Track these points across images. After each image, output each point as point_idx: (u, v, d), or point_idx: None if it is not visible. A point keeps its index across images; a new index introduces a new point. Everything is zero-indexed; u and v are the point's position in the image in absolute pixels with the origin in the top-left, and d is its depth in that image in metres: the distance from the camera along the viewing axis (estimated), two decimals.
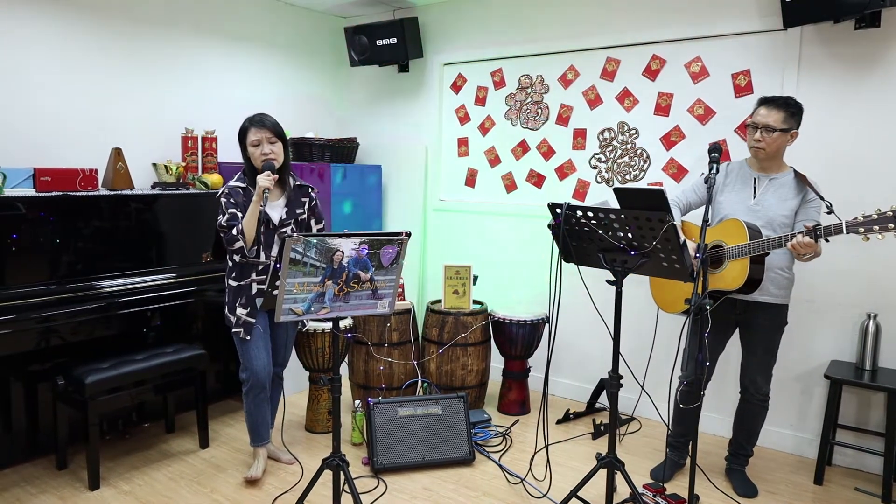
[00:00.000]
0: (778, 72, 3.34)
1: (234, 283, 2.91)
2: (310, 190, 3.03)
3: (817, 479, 3.10)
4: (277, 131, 2.86)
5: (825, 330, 3.31)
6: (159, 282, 3.47)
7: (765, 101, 2.75)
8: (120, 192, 3.42)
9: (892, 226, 2.32)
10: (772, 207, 2.76)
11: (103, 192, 3.40)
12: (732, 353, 3.32)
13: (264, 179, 2.71)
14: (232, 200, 2.83)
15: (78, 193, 3.23)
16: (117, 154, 3.50)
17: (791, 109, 2.71)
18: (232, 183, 2.90)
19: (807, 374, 3.38)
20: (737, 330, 2.97)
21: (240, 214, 2.81)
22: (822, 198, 2.68)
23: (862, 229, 2.39)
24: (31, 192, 3.15)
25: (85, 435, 2.91)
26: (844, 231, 2.41)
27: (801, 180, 2.76)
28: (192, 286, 3.52)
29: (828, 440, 3.08)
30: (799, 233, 2.50)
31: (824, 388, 3.26)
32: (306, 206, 3.00)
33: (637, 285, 3.70)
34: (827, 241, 2.53)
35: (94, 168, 3.39)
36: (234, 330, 2.91)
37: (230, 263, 2.92)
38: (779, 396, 3.45)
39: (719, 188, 2.91)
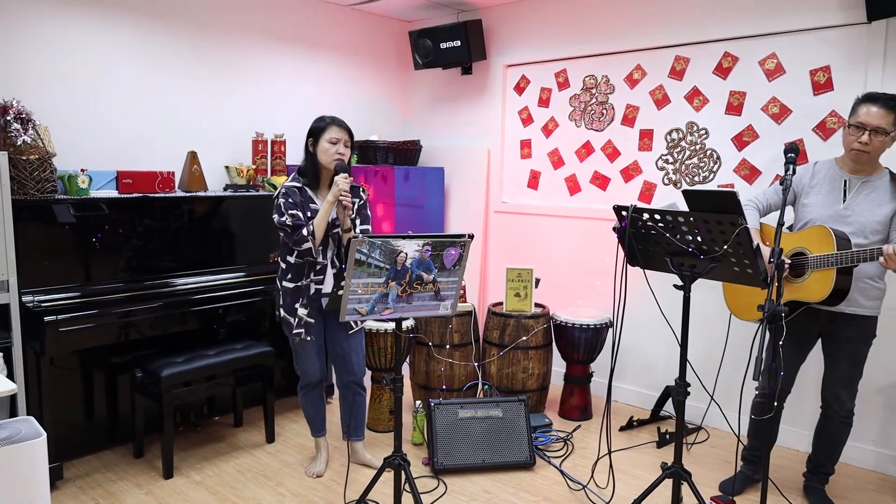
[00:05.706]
0: (861, 67, 3.17)
1: (290, 285, 2.89)
2: (360, 191, 2.99)
3: None
4: (352, 136, 2.90)
5: None
6: (230, 280, 3.60)
7: (873, 99, 2.48)
8: (195, 194, 3.57)
9: None
10: (863, 213, 2.54)
11: (179, 193, 3.55)
12: (811, 364, 3.16)
13: (343, 182, 2.72)
14: (290, 201, 2.80)
15: (156, 195, 3.39)
16: (193, 157, 3.65)
17: None
18: (288, 183, 2.87)
19: (891, 386, 3.19)
20: (819, 341, 2.79)
21: (301, 215, 2.80)
22: None
23: None
24: (113, 193, 3.33)
25: (160, 425, 3.05)
26: None
27: None
28: (260, 285, 3.62)
29: None
30: (892, 244, 2.31)
31: None
32: (355, 207, 2.93)
33: (706, 290, 3.58)
34: None
35: (172, 170, 3.55)
36: (295, 331, 2.91)
37: (283, 265, 2.91)
38: (860, 410, 3.25)
39: (804, 190, 2.70)
